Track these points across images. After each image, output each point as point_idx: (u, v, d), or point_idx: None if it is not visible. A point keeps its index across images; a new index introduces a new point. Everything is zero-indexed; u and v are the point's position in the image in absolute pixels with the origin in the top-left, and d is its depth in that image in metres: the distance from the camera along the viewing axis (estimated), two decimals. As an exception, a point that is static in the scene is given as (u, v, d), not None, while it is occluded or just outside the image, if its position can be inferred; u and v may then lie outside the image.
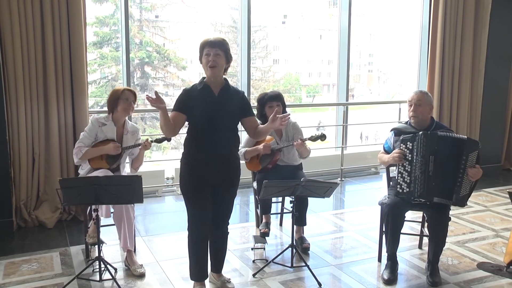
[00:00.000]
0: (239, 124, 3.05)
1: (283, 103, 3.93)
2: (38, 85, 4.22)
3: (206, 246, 3.05)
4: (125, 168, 3.82)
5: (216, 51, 2.84)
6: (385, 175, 3.83)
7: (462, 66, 6.14)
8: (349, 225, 4.49)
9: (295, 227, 3.51)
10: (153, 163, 7.08)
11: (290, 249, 3.48)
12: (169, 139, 3.47)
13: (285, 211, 4.25)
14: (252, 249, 3.74)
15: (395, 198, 3.29)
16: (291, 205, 3.40)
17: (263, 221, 4.08)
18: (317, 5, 13.90)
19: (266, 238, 3.87)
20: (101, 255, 3.18)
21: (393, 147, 3.40)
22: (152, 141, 3.66)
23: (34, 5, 4.10)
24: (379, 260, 3.63)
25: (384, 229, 3.39)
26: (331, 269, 3.52)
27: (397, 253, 3.41)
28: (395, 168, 3.38)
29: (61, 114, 4.33)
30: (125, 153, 3.68)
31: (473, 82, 6.27)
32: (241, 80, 5.76)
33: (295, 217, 3.44)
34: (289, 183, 3.23)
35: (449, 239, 3.51)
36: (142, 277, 3.32)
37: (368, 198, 5.36)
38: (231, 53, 2.94)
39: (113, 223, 3.52)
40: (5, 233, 4.15)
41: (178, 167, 5.12)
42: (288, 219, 3.84)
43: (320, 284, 3.24)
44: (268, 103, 3.89)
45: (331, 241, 4.09)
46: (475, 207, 4.98)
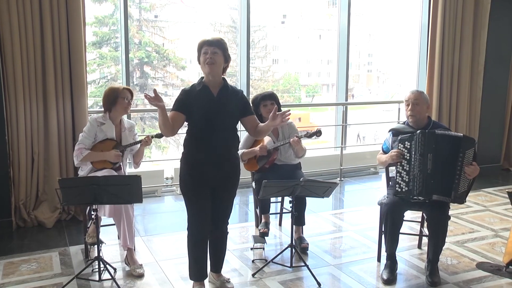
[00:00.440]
0: (238, 124, 3.05)
1: (277, 102, 3.95)
2: (37, 85, 4.22)
3: (205, 246, 3.05)
4: (127, 165, 3.81)
5: (214, 49, 2.84)
6: (384, 175, 3.83)
7: (461, 66, 6.14)
8: (348, 225, 4.49)
9: (294, 227, 3.51)
10: (153, 163, 7.08)
11: (289, 249, 3.47)
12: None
13: (284, 211, 4.25)
14: (251, 249, 3.74)
15: (393, 197, 3.30)
16: (290, 205, 3.40)
17: (262, 221, 4.08)
18: (316, 5, 13.91)
19: (265, 238, 3.87)
20: (101, 255, 3.18)
21: (392, 147, 3.41)
22: (152, 137, 3.66)
23: (33, 5, 4.09)
24: (379, 260, 3.63)
25: (383, 229, 3.40)
26: (330, 269, 3.52)
27: (397, 253, 3.41)
28: (394, 168, 3.39)
29: (60, 114, 4.32)
30: (127, 151, 3.68)
31: (472, 82, 6.27)
32: (241, 80, 5.76)
33: (294, 217, 3.45)
34: (289, 183, 3.23)
35: (448, 239, 3.51)
36: (141, 277, 3.32)
37: (367, 198, 5.36)
38: (229, 53, 2.94)
39: (113, 223, 3.51)
40: (4, 233, 4.15)
41: (177, 167, 5.11)
42: (287, 219, 3.85)
43: (319, 284, 3.24)
44: (262, 102, 3.91)
45: (331, 241, 4.09)
46: (474, 207, 4.98)
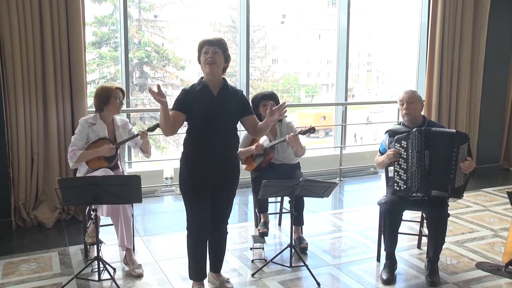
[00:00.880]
0: (238, 123, 3.05)
1: (277, 102, 3.94)
2: (37, 85, 4.22)
3: (205, 246, 3.05)
4: (125, 164, 3.79)
5: (214, 49, 2.84)
6: (383, 175, 3.84)
7: (461, 66, 6.15)
8: (348, 225, 4.49)
9: (293, 227, 3.51)
10: (152, 163, 7.07)
11: (289, 249, 3.48)
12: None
13: (284, 211, 4.25)
14: (251, 249, 3.74)
15: (392, 196, 3.32)
16: (290, 205, 3.40)
17: (262, 220, 4.08)
18: (316, 5, 13.90)
19: (265, 238, 3.87)
20: (100, 255, 3.19)
21: (388, 148, 3.44)
22: (147, 130, 3.63)
23: (32, 4, 4.09)
24: (378, 260, 3.63)
25: (382, 228, 3.40)
26: (330, 269, 3.52)
27: (396, 253, 3.42)
28: (392, 168, 3.40)
29: (60, 114, 4.32)
30: (122, 148, 3.67)
31: (472, 82, 6.28)
32: (240, 80, 5.76)
33: (293, 217, 3.45)
34: (288, 183, 3.23)
35: (448, 239, 3.51)
36: (140, 277, 3.32)
37: (367, 198, 5.36)
38: (229, 53, 2.94)
39: (112, 223, 3.51)
40: (4, 233, 4.14)
41: (177, 167, 5.11)
42: (287, 219, 3.85)
43: (319, 284, 3.24)
44: (261, 102, 3.91)
45: (330, 241, 4.09)
46: (474, 207, 4.98)
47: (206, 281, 3.15)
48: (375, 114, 13.72)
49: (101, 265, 3.18)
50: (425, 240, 3.69)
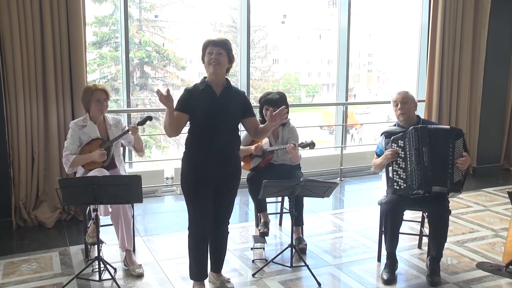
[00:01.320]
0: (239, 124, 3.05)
1: (286, 105, 3.90)
2: (37, 85, 4.22)
3: (206, 245, 3.05)
4: (122, 162, 3.75)
5: (218, 50, 2.85)
6: (384, 175, 3.83)
7: (461, 66, 6.14)
8: (348, 225, 4.49)
9: (293, 227, 3.51)
10: (153, 163, 7.08)
11: (289, 249, 3.48)
12: (150, 118, 3.57)
13: (284, 211, 4.25)
14: (251, 249, 3.74)
15: (393, 196, 3.32)
16: (290, 205, 3.40)
17: (262, 220, 4.08)
18: (316, 5, 13.90)
19: (265, 238, 3.87)
20: (101, 255, 3.18)
21: (385, 149, 3.45)
22: (136, 124, 3.60)
23: (33, 4, 4.09)
24: (379, 260, 3.63)
25: (383, 228, 3.41)
26: (330, 269, 3.52)
27: (397, 253, 3.42)
28: (390, 168, 3.40)
29: (60, 113, 4.32)
30: (116, 147, 3.64)
31: (472, 82, 6.28)
32: (241, 80, 5.75)
33: (294, 217, 3.45)
34: (289, 183, 3.23)
35: (449, 239, 3.51)
36: (140, 277, 3.32)
37: (367, 198, 5.36)
38: (233, 53, 2.95)
39: (112, 223, 3.51)
40: (4, 233, 4.15)
41: (177, 167, 5.11)
42: (287, 219, 3.85)
43: (319, 284, 3.24)
44: (265, 105, 3.87)
45: (331, 241, 4.09)
46: (474, 207, 4.98)
47: (207, 281, 3.15)
48: (361, 115, 13.73)
49: (102, 265, 3.17)
50: (425, 240, 3.69)
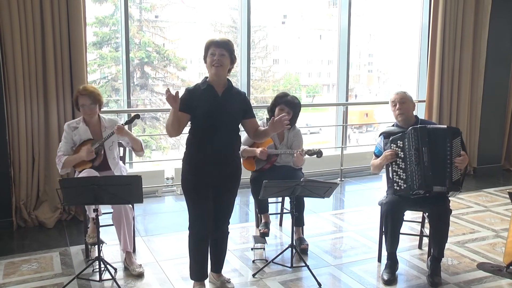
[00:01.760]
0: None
1: (296, 113, 3.91)
2: (38, 85, 4.22)
3: (206, 246, 3.05)
4: (119, 164, 3.69)
5: (221, 51, 2.85)
6: (384, 176, 3.83)
7: (462, 66, 6.14)
8: (349, 225, 4.49)
9: (294, 227, 3.51)
10: (153, 163, 7.08)
11: (289, 249, 3.48)
12: (138, 117, 3.54)
13: (285, 211, 4.25)
14: (252, 249, 3.74)
15: (393, 196, 3.32)
16: (290, 205, 3.40)
17: (263, 221, 4.08)
18: (317, 5, 13.88)
19: (265, 238, 3.87)
20: (101, 255, 3.18)
21: (384, 149, 3.45)
22: (123, 124, 3.52)
23: (34, 5, 4.09)
24: (379, 260, 3.63)
25: (383, 229, 3.40)
26: (330, 269, 3.52)
27: (397, 254, 3.41)
28: (390, 169, 3.40)
29: (61, 114, 4.33)
30: (110, 149, 3.59)
31: (473, 82, 6.28)
32: (241, 80, 5.75)
33: (294, 217, 3.45)
34: (289, 183, 3.23)
35: (449, 239, 3.51)
36: (140, 276, 3.32)
37: (368, 198, 5.35)
38: (235, 54, 2.95)
39: (112, 223, 3.51)
40: (4, 233, 4.15)
41: (178, 167, 5.11)
42: (288, 220, 3.84)
43: (319, 284, 3.24)
44: (279, 105, 3.86)
45: (331, 241, 4.09)
46: (475, 207, 4.98)
47: (207, 281, 3.15)
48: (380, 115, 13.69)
49: (102, 265, 3.18)
50: (426, 240, 3.69)
